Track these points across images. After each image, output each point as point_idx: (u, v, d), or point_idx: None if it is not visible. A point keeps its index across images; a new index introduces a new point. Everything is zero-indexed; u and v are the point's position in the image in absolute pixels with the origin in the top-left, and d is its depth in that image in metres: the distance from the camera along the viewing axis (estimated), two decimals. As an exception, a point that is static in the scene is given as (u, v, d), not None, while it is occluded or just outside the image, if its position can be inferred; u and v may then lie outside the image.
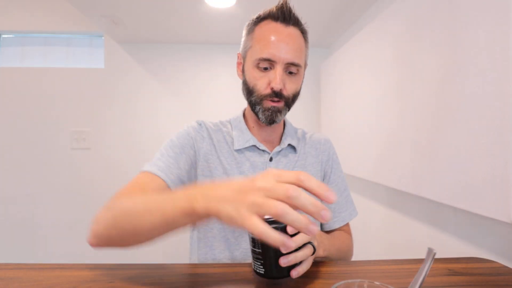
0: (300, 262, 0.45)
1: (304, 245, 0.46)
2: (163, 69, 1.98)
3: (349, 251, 0.72)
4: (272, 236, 0.33)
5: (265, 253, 0.44)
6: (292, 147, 0.74)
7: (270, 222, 0.38)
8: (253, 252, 0.46)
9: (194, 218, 0.40)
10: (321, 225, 0.76)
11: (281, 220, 0.34)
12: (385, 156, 1.12)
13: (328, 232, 0.75)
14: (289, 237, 0.35)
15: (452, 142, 0.76)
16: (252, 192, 0.35)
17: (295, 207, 0.34)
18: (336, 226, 0.74)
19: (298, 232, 0.44)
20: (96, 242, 0.50)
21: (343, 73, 1.56)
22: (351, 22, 1.63)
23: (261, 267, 0.45)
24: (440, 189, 0.81)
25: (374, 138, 1.21)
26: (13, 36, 1.96)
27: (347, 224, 0.77)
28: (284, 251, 0.38)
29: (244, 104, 0.73)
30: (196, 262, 0.70)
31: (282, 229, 0.43)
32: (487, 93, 0.65)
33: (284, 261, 0.42)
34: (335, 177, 0.76)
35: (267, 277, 0.45)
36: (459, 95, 0.74)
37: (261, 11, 0.66)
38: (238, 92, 0.70)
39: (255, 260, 0.46)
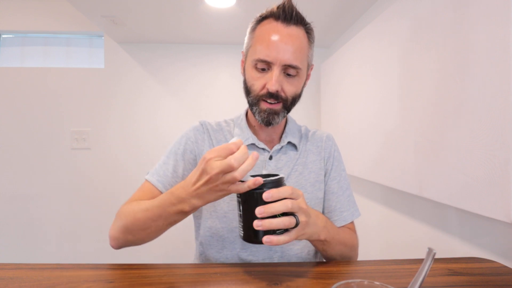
0: (281, 232, 0.46)
1: (286, 216, 0.46)
2: (163, 69, 1.98)
3: (354, 247, 0.68)
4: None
5: (244, 215, 0.47)
6: (292, 144, 0.73)
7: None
8: (238, 216, 0.49)
9: (186, 215, 0.54)
10: None
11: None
12: (384, 156, 1.12)
13: None
14: (265, 204, 0.44)
15: (452, 142, 0.76)
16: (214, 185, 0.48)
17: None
18: (337, 225, 0.71)
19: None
20: (117, 246, 0.61)
21: (343, 73, 1.56)
22: (351, 22, 1.63)
23: (241, 229, 0.48)
24: (440, 189, 0.81)
25: (374, 138, 1.21)
26: (13, 36, 1.96)
27: (351, 224, 0.74)
28: (258, 215, 0.44)
29: (245, 104, 0.73)
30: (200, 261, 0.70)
31: (259, 194, 0.45)
32: (487, 93, 0.65)
33: (257, 223, 0.44)
34: (335, 174, 0.74)
35: (245, 240, 0.48)
36: (459, 95, 0.74)
37: (264, 9, 0.64)
38: (238, 92, 0.70)
39: (239, 223, 0.49)
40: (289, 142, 0.73)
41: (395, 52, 1.04)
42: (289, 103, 0.65)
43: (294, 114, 0.96)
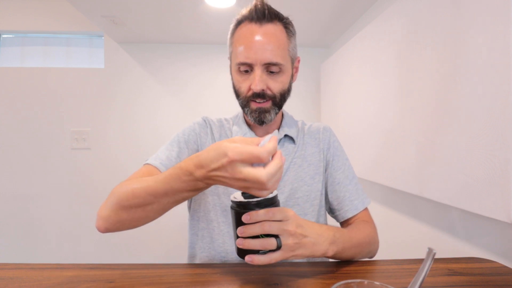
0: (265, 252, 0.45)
1: (269, 237, 0.45)
2: (163, 69, 1.98)
3: (371, 242, 0.65)
4: None
5: (233, 231, 0.47)
6: (290, 138, 0.74)
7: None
8: None
9: (199, 191, 0.48)
10: (335, 215, 0.74)
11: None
12: (384, 156, 1.12)
13: (344, 223, 0.72)
14: (245, 225, 0.44)
15: (452, 142, 0.76)
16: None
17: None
18: (350, 215, 0.70)
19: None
20: (105, 227, 0.53)
21: (343, 73, 1.56)
22: (351, 22, 1.63)
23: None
24: (440, 189, 0.81)
25: (374, 138, 1.21)
26: (13, 36, 1.96)
27: (365, 211, 0.72)
28: (239, 234, 0.44)
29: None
30: (197, 258, 0.70)
31: (241, 214, 0.44)
32: (487, 93, 0.65)
33: (238, 242, 0.45)
34: (339, 164, 0.74)
35: (237, 254, 0.48)
36: (459, 95, 0.74)
37: (238, 13, 0.65)
38: (237, 92, 0.71)
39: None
40: (286, 135, 0.74)
41: (395, 52, 1.04)
42: (278, 100, 0.66)
43: (294, 114, 0.96)
